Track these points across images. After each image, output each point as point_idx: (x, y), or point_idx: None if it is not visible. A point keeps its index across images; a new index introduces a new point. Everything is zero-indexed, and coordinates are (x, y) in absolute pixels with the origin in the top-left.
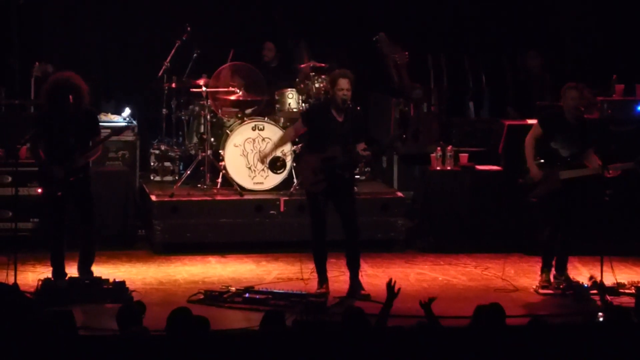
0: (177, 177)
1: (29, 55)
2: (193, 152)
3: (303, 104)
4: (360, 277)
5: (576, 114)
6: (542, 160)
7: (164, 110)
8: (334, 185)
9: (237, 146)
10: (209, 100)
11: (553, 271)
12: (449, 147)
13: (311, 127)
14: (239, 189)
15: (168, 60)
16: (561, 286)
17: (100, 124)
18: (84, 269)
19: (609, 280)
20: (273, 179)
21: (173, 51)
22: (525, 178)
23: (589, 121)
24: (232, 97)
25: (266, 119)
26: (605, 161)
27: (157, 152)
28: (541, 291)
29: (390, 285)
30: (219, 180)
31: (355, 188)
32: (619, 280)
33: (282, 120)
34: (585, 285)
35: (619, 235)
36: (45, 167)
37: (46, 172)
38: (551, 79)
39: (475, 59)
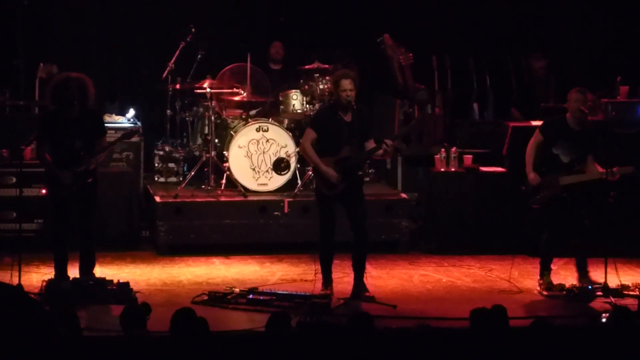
0: (181, 178)
1: (34, 57)
2: (197, 153)
3: (307, 105)
4: (364, 278)
5: (580, 118)
6: (544, 168)
7: (168, 112)
8: (350, 185)
9: (241, 147)
10: (213, 102)
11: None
12: (453, 149)
13: (321, 131)
14: (243, 190)
15: (172, 61)
16: (564, 289)
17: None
18: (86, 271)
19: (613, 282)
20: (277, 180)
21: (177, 52)
22: (527, 185)
23: (591, 128)
24: (237, 98)
25: (270, 120)
26: (606, 165)
27: (161, 153)
28: (545, 293)
29: None
30: (223, 181)
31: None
32: (623, 282)
33: (286, 121)
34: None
35: (623, 237)
36: (53, 171)
37: (53, 176)
38: (556, 81)
39: (480, 61)
